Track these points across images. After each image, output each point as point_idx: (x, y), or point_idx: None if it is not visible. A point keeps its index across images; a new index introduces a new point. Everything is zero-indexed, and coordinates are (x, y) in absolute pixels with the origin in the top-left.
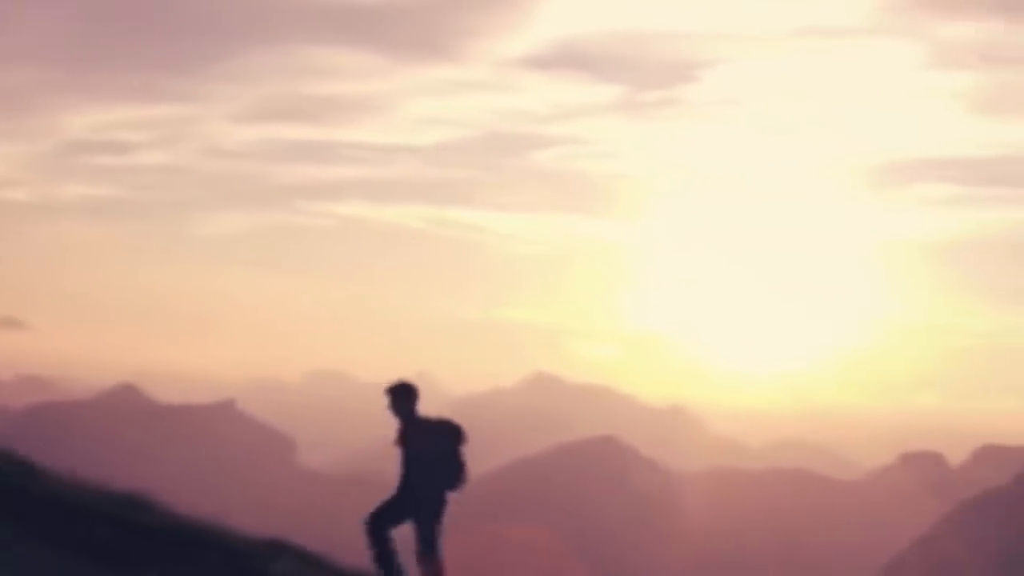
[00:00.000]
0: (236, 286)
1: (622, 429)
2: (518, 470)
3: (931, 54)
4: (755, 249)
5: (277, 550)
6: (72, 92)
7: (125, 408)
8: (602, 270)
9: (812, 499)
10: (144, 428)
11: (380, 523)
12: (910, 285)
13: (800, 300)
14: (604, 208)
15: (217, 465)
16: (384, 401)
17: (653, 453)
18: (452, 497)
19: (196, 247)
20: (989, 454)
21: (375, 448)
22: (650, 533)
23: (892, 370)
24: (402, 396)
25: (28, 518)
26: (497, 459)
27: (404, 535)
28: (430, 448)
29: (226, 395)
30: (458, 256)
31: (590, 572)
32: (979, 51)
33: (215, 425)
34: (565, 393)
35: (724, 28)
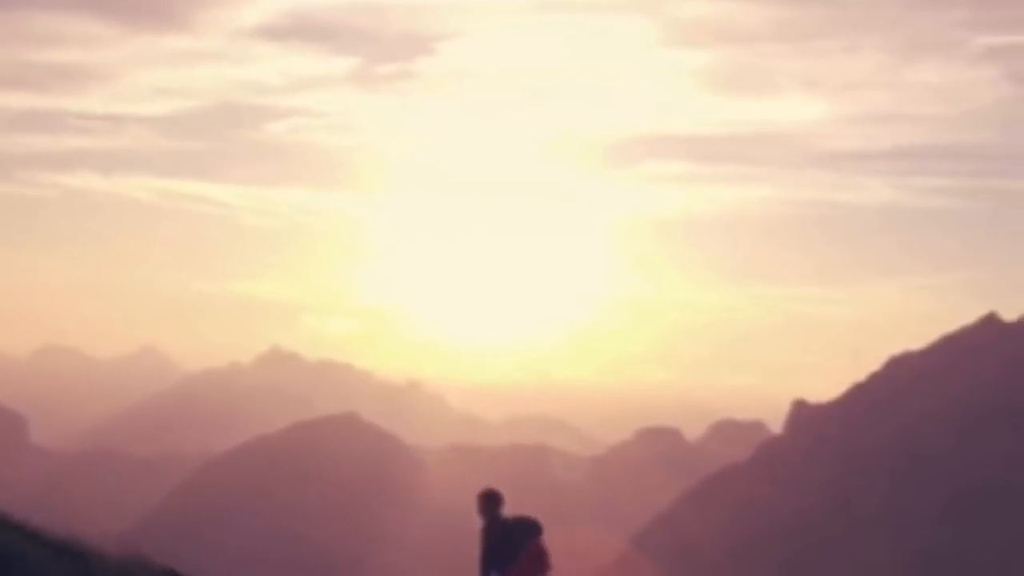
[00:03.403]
0: None
1: (361, 405)
2: (257, 448)
3: (664, 31)
4: (491, 224)
5: None
6: None
7: None
8: (337, 244)
9: (553, 475)
10: None
11: None
12: (643, 261)
13: (535, 275)
14: (339, 181)
15: None
16: (476, 506)
17: (393, 429)
18: None
19: None
20: (725, 429)
21: (107, 424)
22: (392, 509)
23: (627, 345)
24: (491, 502)
25: None
26: (235, 437)
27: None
28: (510, 544)
29: None
30: (190, 229)
31: (338, 548)
32: (711, 29)
33: None
34: (302, 369)
35: (461, 1)
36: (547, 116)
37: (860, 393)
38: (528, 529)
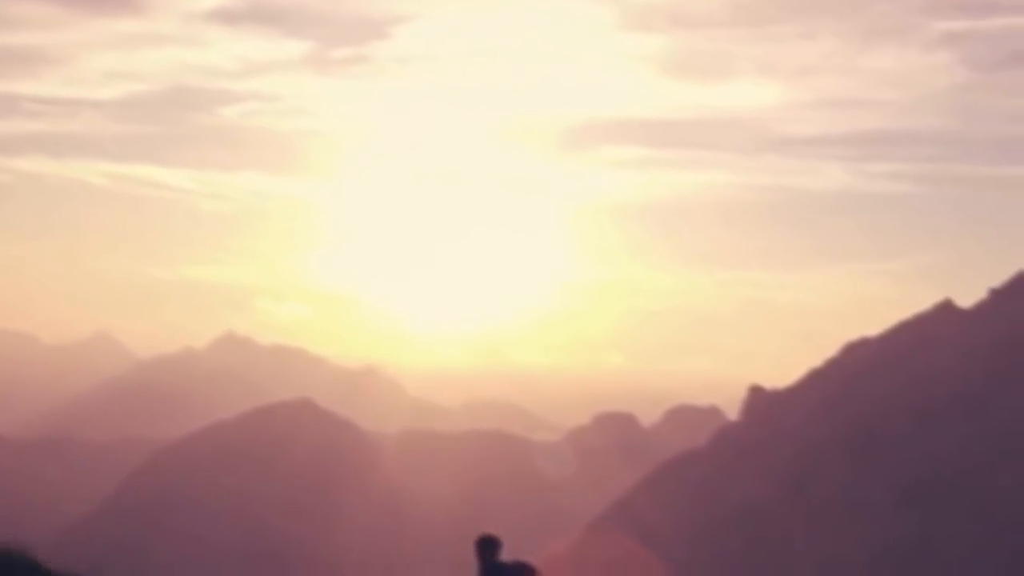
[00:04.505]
0: None
1: (316, 391)
2: (212, 434)
3: (620, 16)
4: (448, 209)
5: None
6: None
7: None
8: (292, 228)
9: (511, 461)
10: None
11: None
12: (600, 246)
13: (492, 261)
14: (293, 166)
15: None
16: (473, 553)
17: (348, 414)
18: None
19: None
20: (681, 415)
21: (61, 410)
22: (348, 495)
23: (583, 331)
24: (489, 547)
25: None
26: (190, 423)
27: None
28: None
29: None
30: (143, 213)
31: (294, 533)
32: (668, 14)
33: None
34: (257, 354)
35: None
36: (503, 101)
37: (817, 379)
38: (520, 572)
